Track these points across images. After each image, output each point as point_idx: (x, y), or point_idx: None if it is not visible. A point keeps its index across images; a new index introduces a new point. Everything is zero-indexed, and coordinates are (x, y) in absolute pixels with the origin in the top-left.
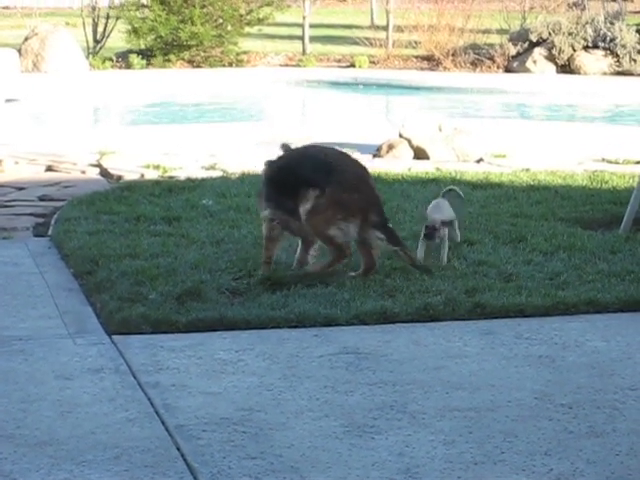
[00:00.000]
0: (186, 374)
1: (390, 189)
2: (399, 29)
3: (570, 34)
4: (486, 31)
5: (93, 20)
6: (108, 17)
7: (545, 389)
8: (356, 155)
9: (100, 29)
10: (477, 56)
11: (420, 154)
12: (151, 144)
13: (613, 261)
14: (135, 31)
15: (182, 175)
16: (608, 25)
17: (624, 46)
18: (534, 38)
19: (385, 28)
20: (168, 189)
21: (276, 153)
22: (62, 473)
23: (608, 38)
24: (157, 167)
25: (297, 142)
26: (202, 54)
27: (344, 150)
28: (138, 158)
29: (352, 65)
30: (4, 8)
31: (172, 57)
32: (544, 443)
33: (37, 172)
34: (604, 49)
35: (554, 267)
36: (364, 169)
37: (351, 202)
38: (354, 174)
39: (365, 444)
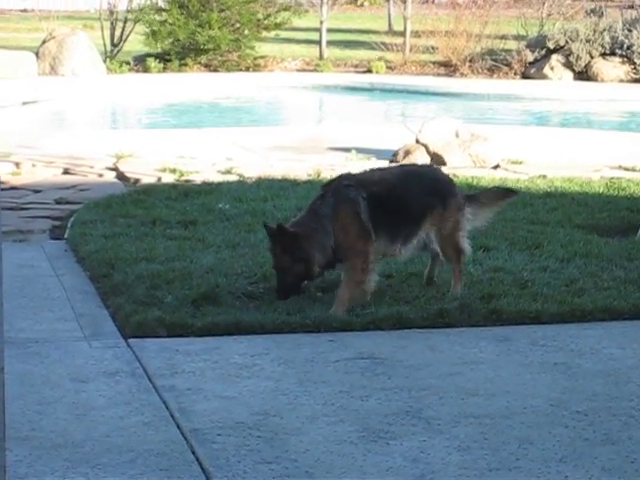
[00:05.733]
0: (201, 378)
1: None
2: (416, 35)
3: (587, 41)
4: (503, 37)
5: (111, 24)
6: (126, 21)
7: (560, 396)
8: (372, 160)
9: (117, 33)
10: (494, 62)
11: (437, 160)
12: (168, 148)
13: (629, 268)
14: (154, 34)
15: (198, 179)
16: (626, 32)
17: None
18: (551, 45)
19: (402, 34)
20: (184, 193)
21: (297, 159)
22: (77, 476)
23: (625, 45)
24: (173, 171)
25: (313, 147)
26: (219, 58)
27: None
28: (155, 162)
29: (369, 70)
30: (22, 11)
31: (189, 61)
32: (559, 450)
33: (54, 175)
34: (621, 56)
35: (570, 274)
36: None
37: None
38: None
39: (380, 449)
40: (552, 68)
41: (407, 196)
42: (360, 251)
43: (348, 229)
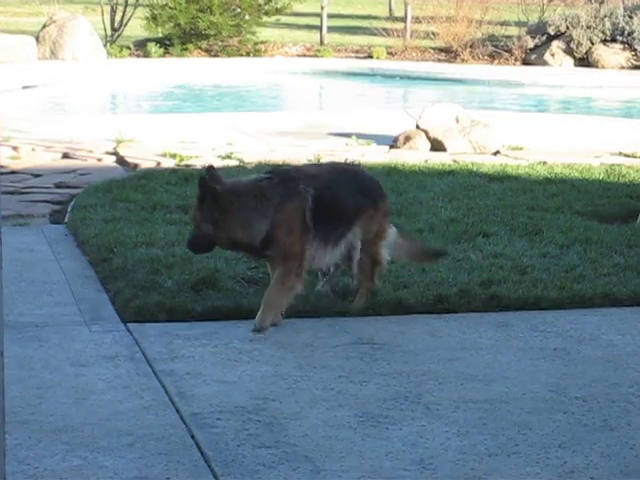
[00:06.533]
0: (201, 362)
1: (406, 181)
2: (417, 20)
3: (588, 27)
4: (504, 23)
5: (111, 8)
6: (126, 5)
7: (560, 382)
8: (373, 146)
9: (118, 17)
10: (495, 48)
11: (437, 146)
12: (168, 132)
13: (629, 255)
14: (154, 18)
15: (198, 164)
16: (627, 19)
17: None
18: (552, 31)
19: (403, 19)
20: (184, 178)
21: (298, 145)
22: (76, 459)
23: (626, 32)
24: (173, 156)
25: (314, 132)
26: (220, 43)
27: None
28: (155, 146)
29: (370, 56)
30: None
31: (190, 46)
32: (558, 436)
33: (54, 159)
34: (622, 43)
35: (570, 260)
36: None
37: None
38: None
39: (379, 434)
40: (553, 54)
41: (343, 194)
42: (299, 253)
43: (292, 227)
